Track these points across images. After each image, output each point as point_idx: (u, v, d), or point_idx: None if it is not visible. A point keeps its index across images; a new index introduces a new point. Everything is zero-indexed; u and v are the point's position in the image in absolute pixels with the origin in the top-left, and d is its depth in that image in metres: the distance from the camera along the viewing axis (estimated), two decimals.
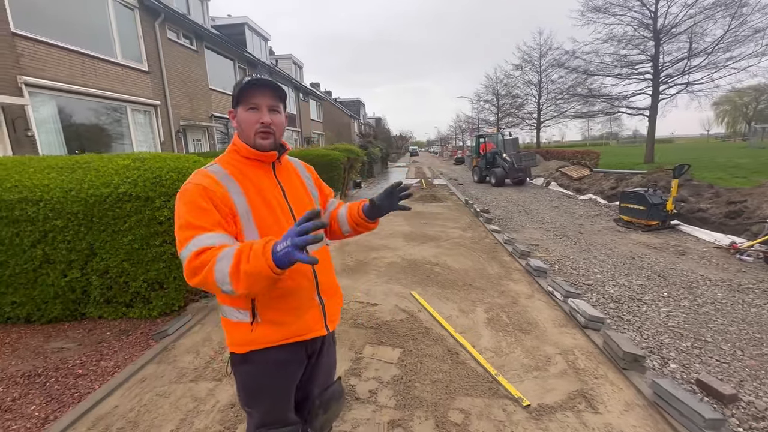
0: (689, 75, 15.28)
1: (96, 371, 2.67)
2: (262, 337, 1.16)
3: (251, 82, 1.13)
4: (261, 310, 1.16)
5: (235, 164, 1.18)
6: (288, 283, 1.16)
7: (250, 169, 1.18)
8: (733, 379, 2.70)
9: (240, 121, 1.16)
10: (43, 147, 6.89)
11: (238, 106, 1.16)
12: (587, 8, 16.43)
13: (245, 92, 1.13)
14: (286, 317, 1.18)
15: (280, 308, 1.17)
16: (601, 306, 3.93)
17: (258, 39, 16.79)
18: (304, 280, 1.21)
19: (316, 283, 1.25)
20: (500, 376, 2.48)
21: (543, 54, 24.86)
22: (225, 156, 1.21)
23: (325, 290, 1.29)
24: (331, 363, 1.46)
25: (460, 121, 47.32)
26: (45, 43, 6.85)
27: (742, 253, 5.31)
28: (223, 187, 1.10)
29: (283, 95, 1.20)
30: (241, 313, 1.16)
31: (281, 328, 1.18)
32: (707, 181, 9.26)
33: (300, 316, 1.21)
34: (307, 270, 1.21)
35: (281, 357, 1.21)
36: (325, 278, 1.30)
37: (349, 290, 4.08)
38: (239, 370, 1.24)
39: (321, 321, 1.27)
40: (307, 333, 1.22)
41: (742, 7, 13.18)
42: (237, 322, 1.18)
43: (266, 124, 1.15)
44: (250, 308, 1.15)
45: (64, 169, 3.46)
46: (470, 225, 7.29)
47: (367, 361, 2.70)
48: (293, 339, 1.20)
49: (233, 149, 1.20)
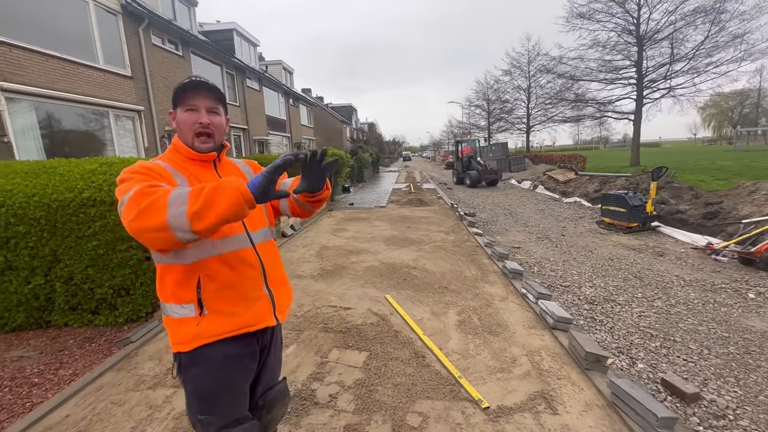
0: (671, 80, 15.59)
1: (53, 380, 2.61)
2: (210, 329, 1.13)
3: (188, 84, 1.15)
4: (208, 302, 1.13)
5: (177, 161, 1.19)
6: (235, 274, 1.17)
7: (192, 166, 1.20)
8: (697, 378, 2.72)
9: (179, 122, 1.18)
10: (21, 153, 6.78)
11: (177, 108, 1.18)
12: (572, 15, 16.73)
13: (183, 94, 1.15)
14: (234, 307, 1.17)
15: (228, 299, 1.16)
16: (576, 307, 3.94)
17: (247, 45, 16.79)
18: (251, 270, 1.21)
19: (264, 274, 1.25)
20: (463, 378, 2.46)
21: (531, 59, 25.23)
22: (165, 155, 1.22)
23: (273, 281, 1.29)
24: (277, 362, 1.44)
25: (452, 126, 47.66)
26: (23, 48, 6.77)
27: (718, 253, 5.37)
28: (168, 171, 1.11)
29: (222, 97, 1.22)
30: (186, 308, 1.14)
31: (231, 319, 1.15)
32: (690, 183, 9.39)
33: (249, 306, 1.19)
34: (254, 261, 1.22)
35: (233, 351, 1.18)
36: (273, 270, 1.31)
37: (323, 294, 4.05)
38: (189, 374, 1.16)
39: (270, 311, 1.26)
40: (257, 323, 1.21)
41: (721, 13, 13.51)
42: (181, 319, 1.14)
43: (204, 124, 1.16)
44: (195, 300, 1.13)
45: (29, 174, 3.40)
46: (453, 228, 7.30)
47: (332, 366, 2.66)
48: (244, 329, 1.18)
49: (174, 149, 1.21)
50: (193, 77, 1.18)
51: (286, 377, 1.93)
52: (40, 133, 7.21)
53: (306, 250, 5.95)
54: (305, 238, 6.77)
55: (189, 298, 1.13)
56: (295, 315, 3.55)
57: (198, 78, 1.18)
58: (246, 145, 15.78)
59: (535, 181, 14.96)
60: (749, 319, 3.57)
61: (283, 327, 3.26)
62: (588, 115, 20.39)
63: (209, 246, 1.13)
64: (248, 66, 15.78)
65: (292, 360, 2.75)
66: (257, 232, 1.28)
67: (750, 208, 6.33)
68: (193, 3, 13.01)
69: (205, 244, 1.11)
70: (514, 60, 25.97)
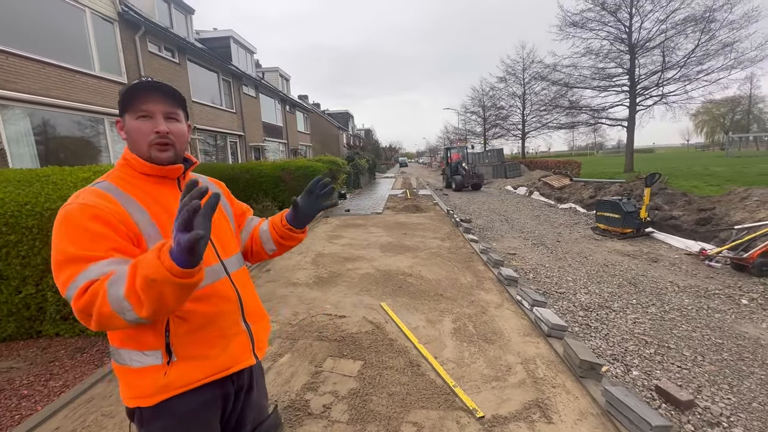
0: (664, 87, 15.82)
1: (43, 391, 2.56)
2: (180, 378, 0.95)
3: (137, 85, 0.96)
4: (178, 347, 0.95)
5: (129, 180, 0.99)
6: (210, 309, 1.01)
7: (151, 186, 1.00)
8: (692, 385, 2.72)
9: (129, 131, 0.97)
10: (15, 160, 6.75)
11: (125, 114, 0.97)
12: (565, 23, 17.00)
13: (132, 98, 0.95)
14: (209, 350, 1.00)
15: (202, 340, 0.99)
16: (571, 314, 3.95)
17: (244, 52, 16.88)
18: (227, 304, 1.05)
19: (241, 307, 1.10)
20: (458, 387, 2.45)
21: (526, 67, 25.57)
22: (115, 171, 1.01)
23: (250, 314, 1.13)
24: (262, 397, 1.26)
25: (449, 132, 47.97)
26: (18, 55, 6.77)
27: (711, 259, 5.42)
28: (118, 204, 0.91)
29: (181, 99, 1.03)
30: (149, 356, 0.94)
31: (204, 363, 0.98)
32: (683, 189, 9.48)
33: (225, 346, 1.03)
34: (230, 293, 1.07)
35: (206, 396, 1.01)
36: (250, 301, 1.15)
37: (318, 302, 4.03)
38: (152, 428, 0.98)
39: (249, 349, 1.10)
40: (234, 364, 1.05)
41: (711, 22, 13.77)
42: (142, 368, 0.94)
43: (162, 133, 0.97)
44: (163, 346, 0.93)
45: (22, 182, 3.38)
46: (449, 235, 7.31)
47: (326, 375, 2.65)
48: (220, 374, 1.01)
49: (125, 164, 1.01)
50: (143, 78, 0.99)
51: (276, 404, 1.92)
52: (35, 139, 7.19)
53: (301, 257, 5.94)
54: (301, 245, 6.75)
55: (154, 344, 0.93)
56: (290, 323, 3.52)
57: (149, 79, 0.98)
58: (242, 151, 15.78)
59: (531, 187, 15.05)
60: (742, 326, 3.59)
61: (278, 336, 3.25)
62: (582, 121, 20.62)
63: None
64: (245, 73, 15.84)
65: (286, 369, 2.73)
66: (230, 259, 1.12)
67: (742, 214, 6.40)
68: (190, 11, 13.08)
69: None
70: (509, 67, 26.33)
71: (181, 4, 12.61)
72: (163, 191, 1.01)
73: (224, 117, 14.47)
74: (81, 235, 0.84)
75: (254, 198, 9.45)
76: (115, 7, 8.98)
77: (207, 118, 13.17)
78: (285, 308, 3.90)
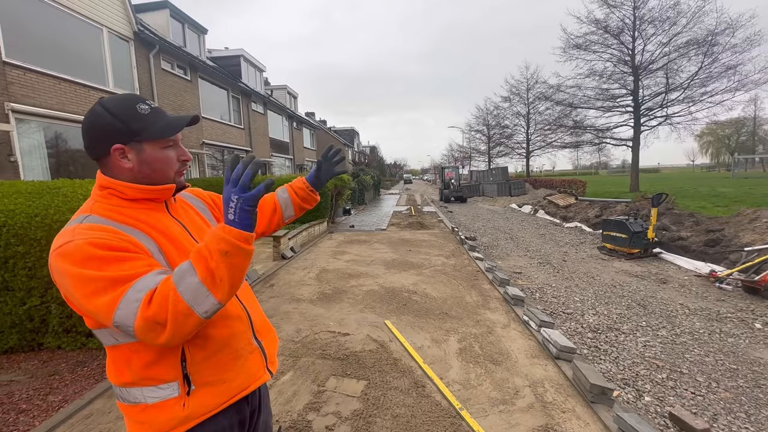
0: (668, 108, 15.92)
1: (41, 406, 2.52)
2: (201, 407, 0.91)
3: (189, 122, 0.97)
4: (196, 375, 0.91)
5: (118, 210, 0.90)
6: (224, 332, 0.98)
7: (142, 211, 0.93)
8: (707, 412, 2.63)
9: (152, 161, 0.92)
10: (27, 172, 6.88)
11: (144, 143, 0.90)
12: (569, 45, 17.32)
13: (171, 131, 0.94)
14: (226, 373, 0.97)
15: (219, 364, 0.96)
16: (579, 335, 3.87)
17: (253, 70, 17.31)
18: (239, 324, 1.03)
19: (251, 325, 1.08)
20: (464, 410, 2.38)
21: (530, 87, 25.94)
22: (98, 203, 0.91)
23: (259, 330, 1.12)
24: (268, 416, 1.24)
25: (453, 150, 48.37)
26: (36, 71, 6.99)
27: (722, 281, 5.31)
28: (124, 234, 0.84)
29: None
30: (165, 389, 0.89)
31: (222, 387, 0.96)
32: (691, 209, 9.41)
33: (242, 366, 1.01)
34: (239, 313, 1.05)
35: (224, 423, 0.98)
36: (257, 317, 1.13)
37: (321, 319, 3.98)
38: None
39: (263, 365, 1.09)
40: (251, 383, 1.03)
41: (713, 46, 13.95)
42: (159, 404, 0.89)
43: (189, 160, 1.00)
44: (180, 376, 0.89)
45: (33, 194, 3.43)
46: (454, 252, 7.26)
47: (329, 395, 2.59)
48: (238, 396, 0.99)
49: (110, 194, 0.91)
50: (192, 114, 0.99)
51: (280, 426, 1.87)
52: (47, 152, 7.34)
53: (306, 272, 5.91)
54: (305, 261, 6.73)
55: (171, 376, 0.89)
56: (293, 341, 3.48)
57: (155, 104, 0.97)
58: None
59: (536, 206, 15.01)
60: (757, 351, 3.49)
61: (281, 353, 3.20)
62: (587, 141, 20.74)
63: None
64: (254, 90, 16.20)
65: (288, 388, 2.68)
66: None
67: (752, 236, 6.31)
68: (203, 30, 13.51)
69: None
70: (513, 87, 26.74)
71: (195, 24, 13.04)
72: (154, 215, 0.95)
73: (232, 132, 14.72)
74: (108, 258, 0.77)
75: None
76: (131, 27, 9.30)
77: (216, 134, 13.40)
78: (288, 325, 3.85)
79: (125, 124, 0.88)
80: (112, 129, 0.87)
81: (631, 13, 15.52)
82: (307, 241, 8.45)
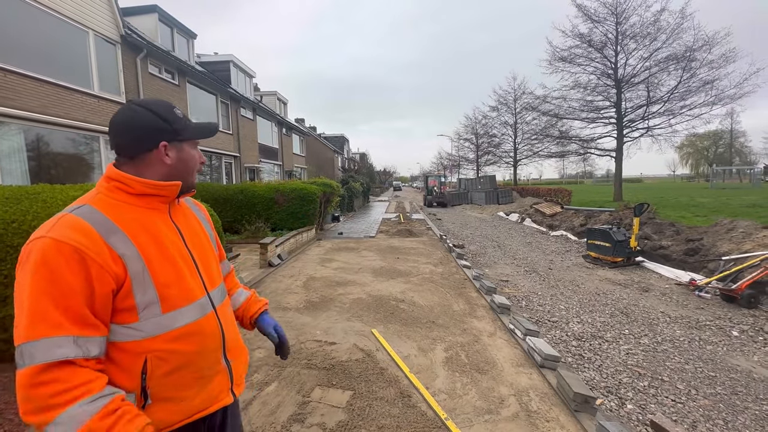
0: (649, 120, 16.43)
1: (14, 420, 2.42)
2: (155, 422, 0.89)
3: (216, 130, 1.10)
4: (154, 389, 0.89)
5: (118, 204, 0.92)
6: (191, 348, 0.94)
7: (141, 211, 0.94)
8: (687, 419, 2.68)
9: (185, 159, 1.01)
10: (5, 176, 6.68)
11: (185, 143, 1.01)
12: (554, 58, 17.78)
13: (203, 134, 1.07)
14: (185, 391, 0.94)
15: (180, 382, 0.93)
16: (564, 344, 3.91)
17: (243, 76, 17.24)
18: (211, 341, 1.00)
19: (223, 343, 1.04)
20: (450, 420, 2.38)
21: (517, 97, 26.45)
22: (101, 194, 0.92)
23: (231, 349, 1.08)
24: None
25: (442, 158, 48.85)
26: (17, 73, 6.83)
27: (701, 289, 5.46)
28: (101, 242, 0.83)
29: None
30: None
31: (179, 406, 0.93)
32: (671, 219, 9.67)
33: (204, 386, 0.98)
34: (215, 330, 1.02)
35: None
36: (232, 336, 1.10)
37: (308, 328, 3.94)
38: None
39: (227, 387, 1.06)
40: (209, 405, 1.00)
41: (691, 61, 14.49)
42: None
43: (205, 161, 1.11)
44: (138, 388, 0.88)
45: (11, 200, 3.32)
46: (442, 260, 7.29)
47: (314, 405, 2.55)
48: (194, 417, 0.96)
49: (116, 186, 0.93)
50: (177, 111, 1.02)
51: None
52: (27, 155, 7.14)
53: (292, 280, 5.85)
54: (292, 268, 6.67)
55: (128, 387, 0.87)
56: None
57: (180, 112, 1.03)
58: (237, 172, 15.82)
59: (523, 214, 15.22)
60: (734, 358, 3.59)
61: (265, 363, 3.15)
62: (572, 151, 21.20)
63: (167, 320, 0.91)
64: (243, 96, 16.11)
65: (272, 399, 2.63)
66: (216, 290, 1.08)
67: (729, 245, 6.51)
68: (192, 35, 13.42)
69: (161, 318, 0.90)
70: (501, 97, 27.23)
71: (184, 29, 12.95)
72: (152, 216, 0.96)
73: (220, 138, 14.58)
74: (54, 286, 0.77)
75: (247, 219, 9.38)
76: (118, 30, 9.18)
77: (203, 139, 13.25)
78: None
79: (170, 123, 0.97)
80: (158, 127, 0.95)
81: (614, 29, 16.05)
82: (294, 248, 8.38)
